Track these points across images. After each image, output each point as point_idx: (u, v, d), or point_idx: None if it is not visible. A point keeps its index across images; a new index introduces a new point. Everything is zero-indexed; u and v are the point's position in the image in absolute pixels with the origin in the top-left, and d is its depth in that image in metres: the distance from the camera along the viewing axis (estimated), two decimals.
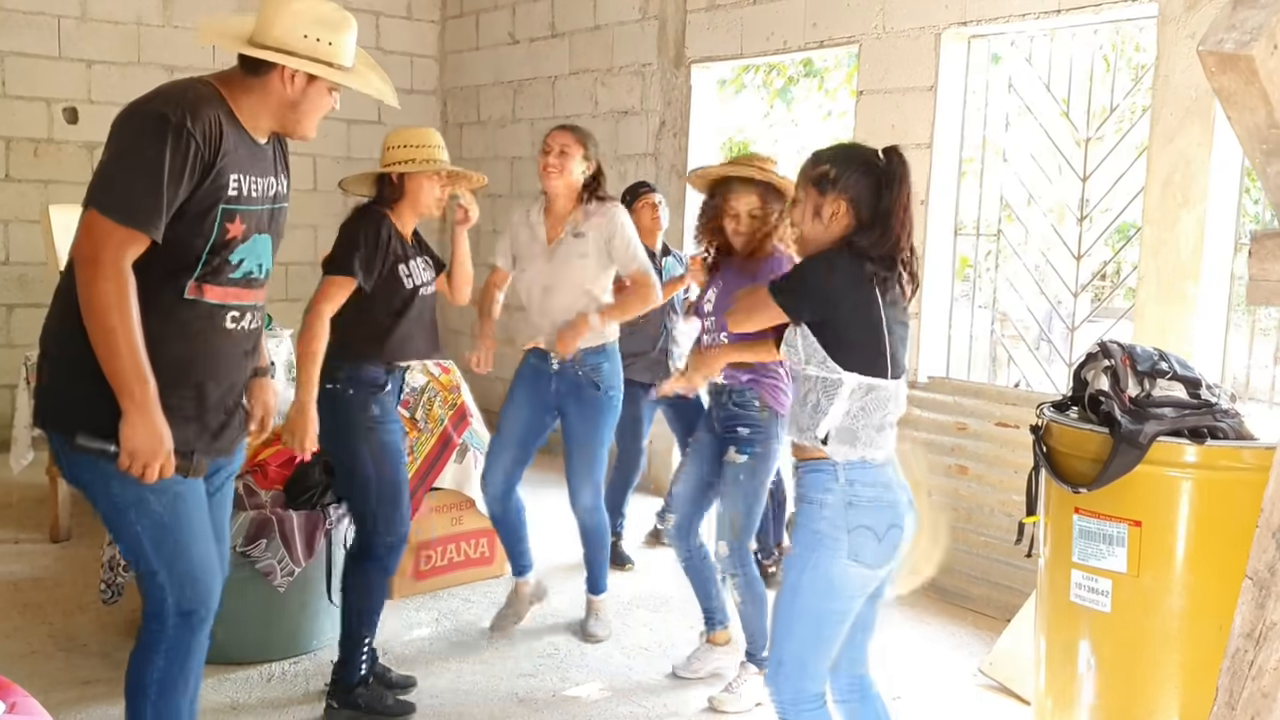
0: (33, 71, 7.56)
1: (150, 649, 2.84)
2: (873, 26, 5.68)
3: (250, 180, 2.75)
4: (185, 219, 2.63)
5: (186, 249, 2.67)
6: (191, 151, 2.58)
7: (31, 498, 6.26)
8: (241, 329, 2.86)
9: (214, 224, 2.67)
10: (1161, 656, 3.19)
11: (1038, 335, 8.09)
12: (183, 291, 2.70)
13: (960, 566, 5.22)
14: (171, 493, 2.72)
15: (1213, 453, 3.11)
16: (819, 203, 2.85)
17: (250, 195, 2.76)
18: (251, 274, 2.83)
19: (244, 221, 2.74)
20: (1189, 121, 4.51)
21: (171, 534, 2.75)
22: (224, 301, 2.78)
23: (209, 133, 2.62)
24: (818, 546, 2.78)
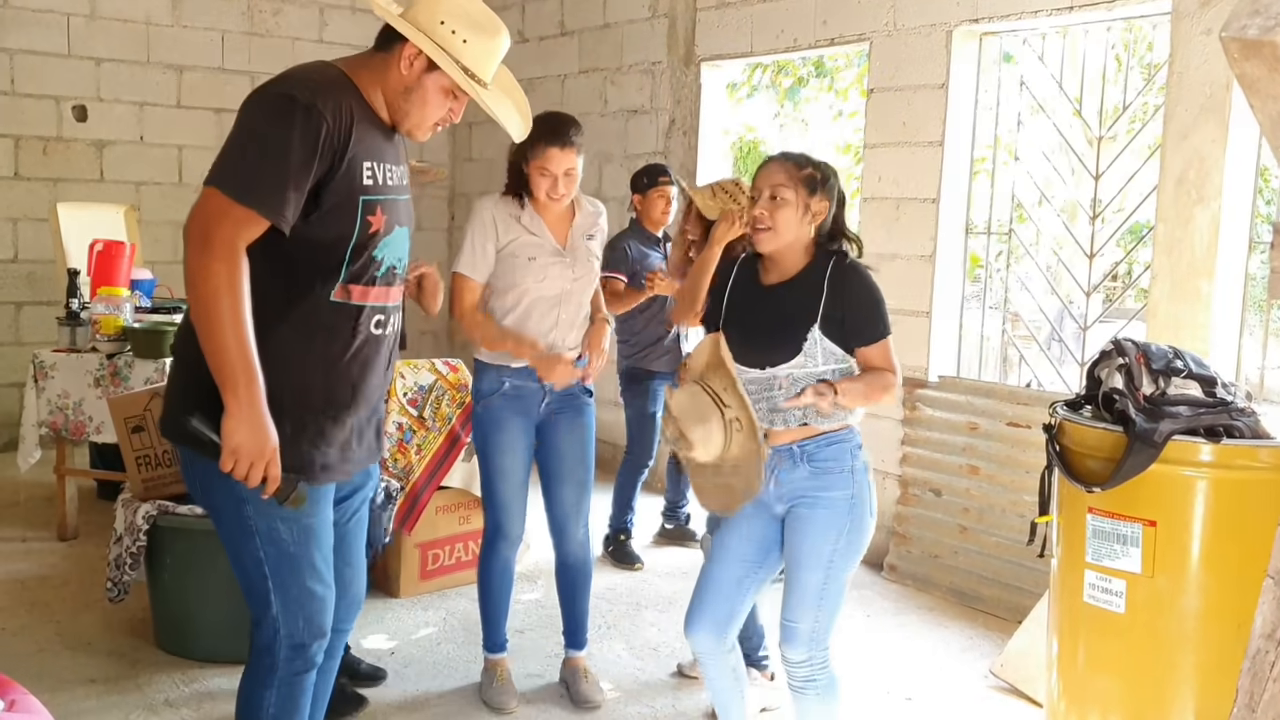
0: (42, 69, 7.55)
1: (263, 683, 2.71)
2: (884, 24, 5.65)
3: (385, 168, 2.59)
4: (325, 214, 2.47)
5: (330, 248, 2.51)
6: (321, 134, 2.41)
7: (39, 496, 6.25)
8: (386, 334, 2.71)
9: (355, 217, 2.51)
10: (1177, 658, 3.16)
11: (1049, 335, 8.04)
12: (329, 295, 2.53)
13: (971, 567, 5.19)
14: (303, 524, 2.59)
15: (1229, 451, 3.07)
16: (809, 201, 3.02)
17: (387, 184, 2.60)
18: (394, 269, 2.68)
19: (385, 213, 2.58)
20: (1203, 118, 4.47)
21: (294, 566, 2.61)
22: (369, 302, 2.61)
23: (339, 116, 2.45)
24: (853, 509, 3.02)
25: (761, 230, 3.01)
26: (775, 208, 2.99)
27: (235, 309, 2.34)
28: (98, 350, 5.45)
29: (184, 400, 2.52)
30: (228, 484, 2.48)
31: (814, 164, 3.06)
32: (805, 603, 3.03)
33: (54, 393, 5.43)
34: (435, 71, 2.57)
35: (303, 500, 2.53)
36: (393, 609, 4.89)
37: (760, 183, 3.05)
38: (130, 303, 5.61)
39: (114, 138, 7.83)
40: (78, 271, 5.77)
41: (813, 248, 3.07)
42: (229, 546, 2.66)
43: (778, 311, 3.04)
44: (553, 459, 4.04)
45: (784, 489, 3.04)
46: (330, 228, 2.49)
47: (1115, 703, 3.27)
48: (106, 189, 7.70)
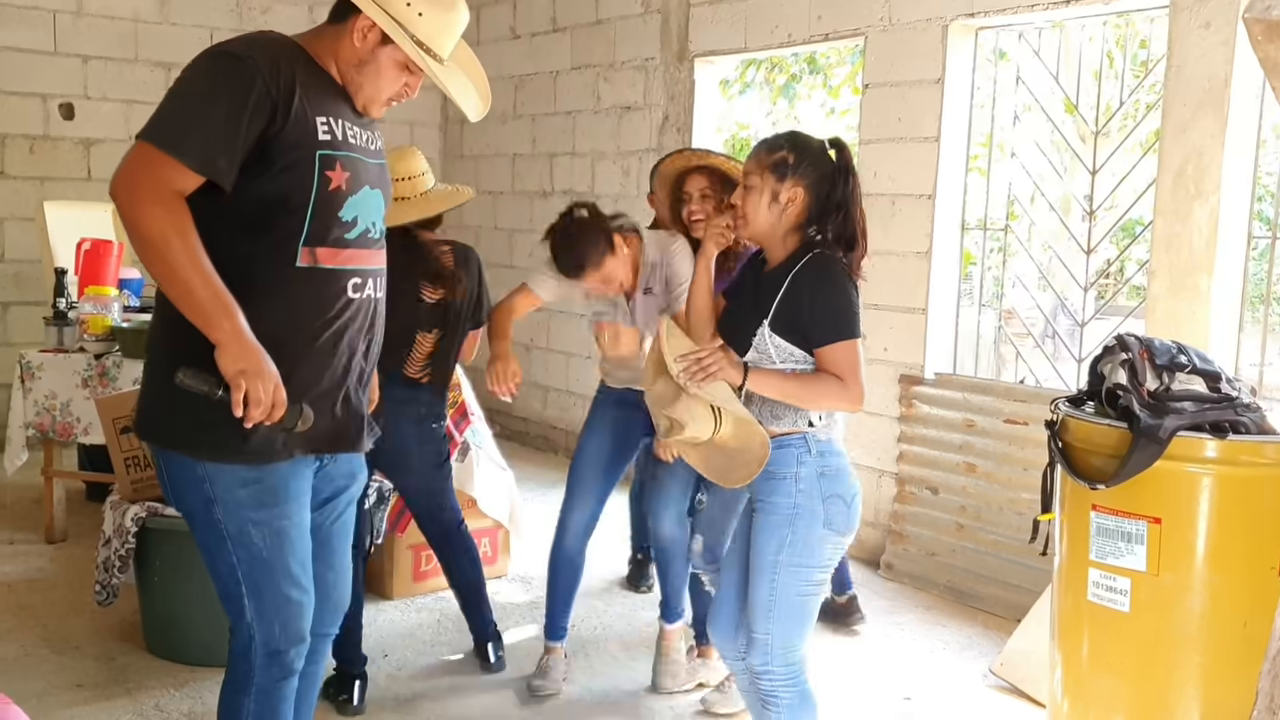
0: (28, 67, 7.48)
1: (240, 690, 2.65)
2: (879, 18, 5.60)
3: (345, 125, 2.49)
4: (280, 170, 2.37)
5: (289, 207, 2.40)
6: (255, 85, 2.31)
7: (27, 498, 6.18)
8: (366, 297, 2.57)
9: (313, 173, 2.40)
10: (1182, 657, 3.12)
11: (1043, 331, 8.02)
12: (294, 259, 2.42)
13: (969, 566, 5.15)
14: (275, 527, 2.51)
15: (1234, 448, 3.04)
16: (777, 189, 2.89)
17: (349, 141, 2.49)
18: (368, 232, 2.56)
19: (346, 169, 2.46)
20: (1201, 113, 4.44)
21: (268, 570, 2.53)
22: (342, 266, 2.50)
23: (277, 70, 2.36)
24: (794, 520, 2.86)
25: (736, 219, 2.98)
26: (744, 195, 2.94)
27: (187, 246, 2.25)
28: (85, 350, 5.39)
29: (159, 397, 2.48)
30: (198, 486, 2.46)
31: (792, 146, 2.91)
32: (756, 610, 2.92)
33: (41, 393, 5.36)
34: (389, 45, 2.49)
35: (309, 422, 2.41)
36: (384, 611, 4.83)
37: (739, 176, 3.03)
38: (118, 302, 5.55)
39: (101, 136, 7.77)
40: (65, 271, 5.71)
41: (797, 236, 2.93)
42: (203, 551, 2.58)
43: (748, 303, 2.96)
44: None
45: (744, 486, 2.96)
46: (286, 183, 2.39)
47: (1119, 702, 3.23)
48: (94, 187, 7.62)
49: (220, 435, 2.41)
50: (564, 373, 7.81)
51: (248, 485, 2.48)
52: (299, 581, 2.59)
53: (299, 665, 2.67)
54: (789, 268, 2.89)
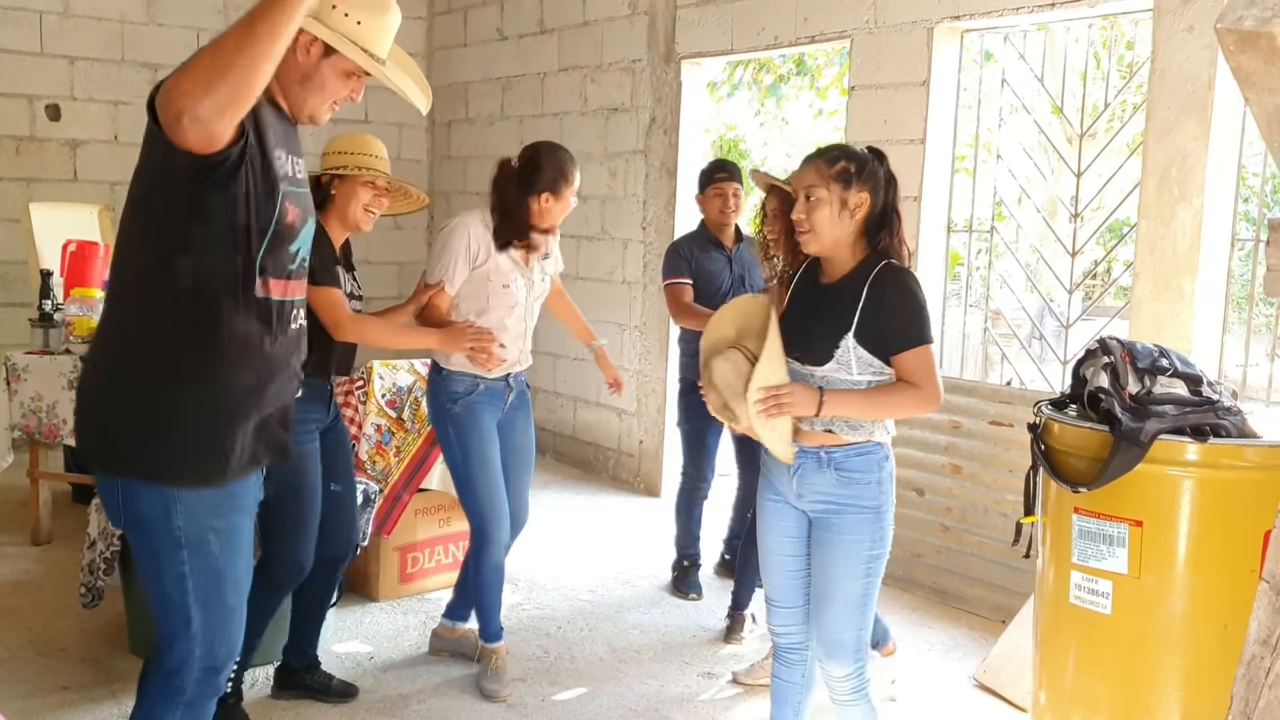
0: (14, 68, 7.46)
1: (164, 709, 2.59)
2: (864, 21, 5.62)
3: (294, 160, 2.55)
4: (249, 200, 2.38)
5: (250, 232, 2.41)
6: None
7: (12, 500, 6.17)
8: (301, 328, 2.66)
9: (274, 211, 2.44)
10: (1163, 659, 3.13)
11: (1030, 333, 8.04)
12: (253, 288, 2.45)
13: (954, 567, 5.17)
14: (230, 536, 2.54)
15: (1215, 451, 3.05)
16: (845, 196, 2.94)
17: (297, 177, 2.56)
18: (304, 262, 2.64)
19: (296, 205, 2.52)
20: (1185, 115, 4.46)
21: (219, 580, 2.53)
22: (288, 297, 2.56)
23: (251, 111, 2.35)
24: (882, 518, 3.01)
25: (802, 234, 2.97)
26: (810, 209, 2.94)
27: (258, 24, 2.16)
28: (71, 352, 5.38)
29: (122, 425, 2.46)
30: (158, 495, 2.46)
31: (848, 156, 2.98)
32: (850, 613, 3.01)
33: (27, 395, 5.35)
34: (332, 56, 2.54)
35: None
36: (371, 613, 4.84)
37: (795, 185, 3.01)
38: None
39: (87, 137, 7.75)
40: (51, 273, 5.70)
41: (863, 244, 3.00)
42: (146, 565, 2.54)
43: (823, 313, 3.00)
44: (508, 455, 4.14)
45: (806, 490, 3.01)
46: (250, 215, 2.40)
47: (1101, 704, 3.24)
48: (80, 189, 7.61)
49: (200, 462, 2.47)
50: (551, 374, 7.81)
51: (201, 498, 2.50)
52: (240, 590, 2.62)
53: (224, 685, 2.70)
54: (861, 278, 2.95)
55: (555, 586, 5.28)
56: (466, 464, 4.02)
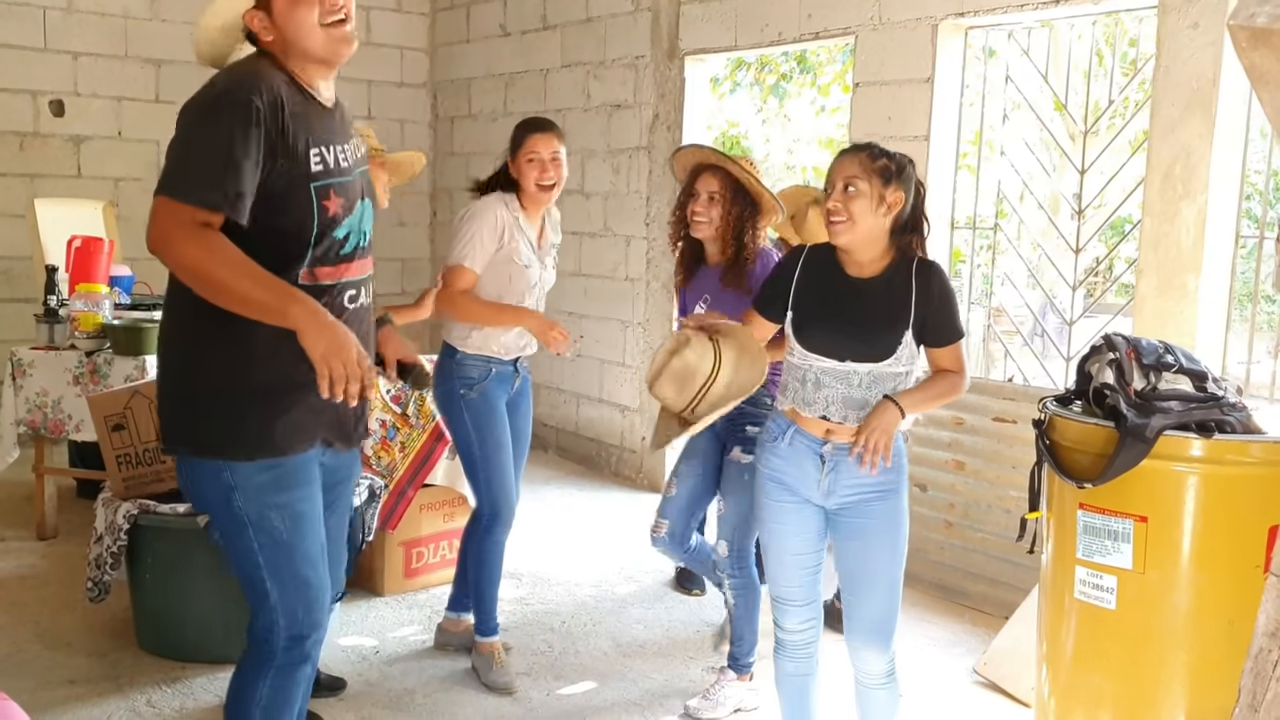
0: (18, 63, 7.47)
1: (257, 674, 2.72)
2: (869, 17, 5.62)
3: (335, 150, 2.60)
4: (281, 204, 2.49)
5: (293, 237, 2.53)
6: (254, 120, 2.43)
7: (18, 495, 6.18)
8: (361, 306, 2.73)
9: (311, 206, 2.53)
10: (1168, 655, 3.15)
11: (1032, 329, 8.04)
12: (296, 280, 2.54)
13: (957, 563, 5.18)
14: (294, 510, 2.64)
15: (1220, 447, 3.06)
16: (883, 192, 2.99)
17: (340, 166, 2.61)
18: (359, 245, 2.69)
19: (340, 195, 2.59)
20: (1190, 113, 4.46)
21: (289, 554, 2.64)
22: (339, 280, 2.64)
23: (276, 105, 2.47)
24: (905, 502, 3.14)
25: (837, 222, 2.99)
26: (849, 199, 2.98)
27: (226, 260, 2.38)
28: (76, 348, 5.39)
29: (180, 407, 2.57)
30: (217, 477, 2.58)
31: (888, 155, 3.03)
32: (894, 596, 3.12)
33: (32, 390, 5.37)
34: (272, 5, 2.54)
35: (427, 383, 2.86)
36: (376, 607, 4.85)
37: (834, 175, 3.04)
38: (109, 299, 5.55)
39: (92, 133, 7.76)
40: (56, 268, 5.71)
41: (891, 243, 3.06)
42: (224, 542, 2.68)
43: (870, 310, 3.04)
44: (514, 438, 4.23)
45: (840, 486, 3.06)
46: (289, 217, 2.52)
47: (1106, 699, 3.25)
48: (84, 184, 7.62)
49: (247, 435, 2.57)
50: (553, 371, 7.82)
51: (266, 471, 2.60)
52: (316, 565, 2.70)
53: (315, 654, 2.77)
54: (902, 274, 3.04)
55: (559, 582, 5.29)
56: (483, 447, 4.09)
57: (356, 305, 2.70)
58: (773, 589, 3.24)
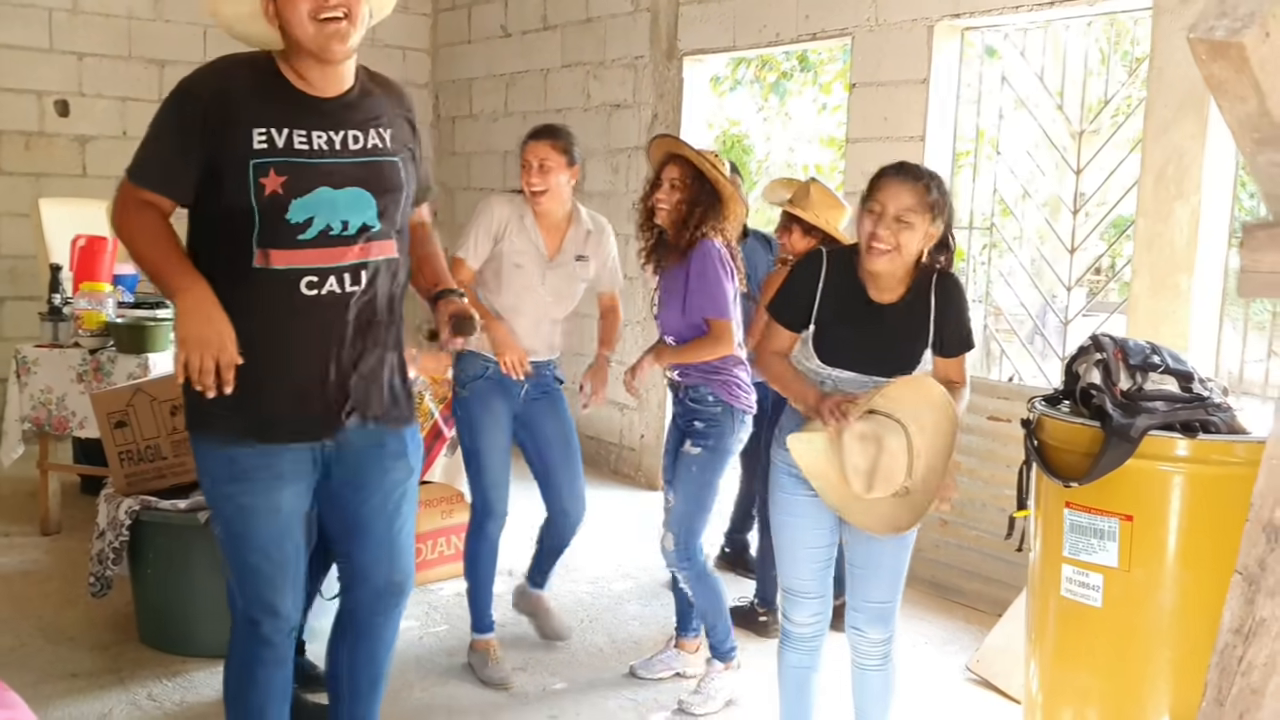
0: (23, 64, 7.52)
1: (229, 656, 2.91)
2: (865, 19, 5.66)
3: (291, 133, 2.62)
4: (223, 183, 2.59)
5: (236, 214, 2.59)
6: (196, 108, 2.59)
7: (22, 491, 6.23)
8: (326, 295, 2.67)
9: (247, 184, 2.57)
10: (1153, 652, 3.18)
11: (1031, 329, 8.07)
12: (250, 261, 2.61)
13: (951, 561, 5.22)
14: (239, 503, 2.71)
15: (1204, 447, 3.09)
16: (931, 229, 3.03)
17: (293, 148, 2.61)
18: (330, 230, 2.65)
19: (282, 174, 2.59)
20: (1183, 114, 4.49)
21: (238, 541, 2.74)
22: (293, 265, 2.63)
23: (224, 89, 2.61)
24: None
25: (883, 252, 2.98)
26: (900, 230, 2.96)
27: (146, 233, 2.60)
28: (80, 345, 5.44)
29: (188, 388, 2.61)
30: (199, 462, 2.76)
31: (940, 189, 3.03)
32: (897, 580, 3.20)
33: (36, 388, 5.42)
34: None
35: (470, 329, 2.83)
36: None
37: (885, 200, 2.97)
38: (113, 298, 5.60)
39: (96, 133, 7.81)
40: (60, 267, 5.76)
41: (916, 265, 3.09)
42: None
43: (894, 335, 3.09)
44: (543, 446, 4.30)
45: None
46: (228, 196, 2.60)
47: (1092, 697, 3.28)
48: (89, 184, 7.67)
49: (202, 415, 2.68)
50: None
51: (221, 462, 2.71)
52: (268, 554, 2.75)
53: (278, 639, 2.83)
54: (923, 292, 3.08)
55: (556, 578, 5.31)
56: (474, 444, 4.16)
57: (319, 293, 2.66)
58: (784, 581, 3.29)
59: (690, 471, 3.91)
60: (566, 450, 4.31)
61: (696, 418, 3.93)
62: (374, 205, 2.72)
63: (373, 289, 2.75)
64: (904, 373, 3.06)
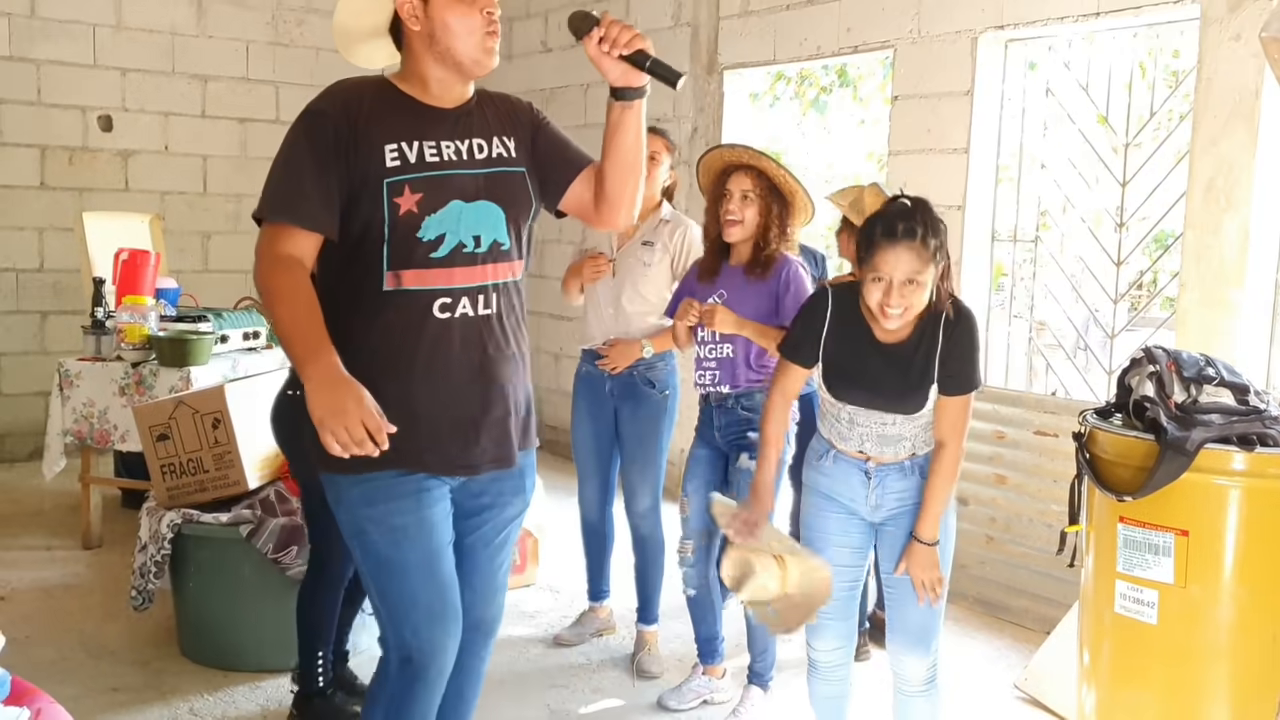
0: (68, 80, 7.60)
1: (373, 696, 2.65)
2: (908, 31, 5.62)
3: (422, 146, 2.51)
4: (357, 205, 2.47)
5: (369, 236, 2.49)
6: (329, 131, 2.46)
7: (64, 505, 6.27)
8: (459, 318, 2.56)
9: (381, 202, 2.46)
10: (1210, 670, 3.12)
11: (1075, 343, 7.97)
12: (381, 284, 2.51)
13: (999, 578, 5.15)
14: (389, 525, 2.53)
15: (1262, 460, 3.04)
16: (936, 272, 2.96)
17: (426, 161, 2.51)
18: (464, 248, 2.54)
19: (417, 190, 2.48)
20: (1232, 125, 4.43)
21: (390, 570, 2.54)
22: (425, 286, 2.52)
23: (350, 107, 2.48)
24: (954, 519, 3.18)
25: (893, 316, 2.93)
26: (912, 292, 2.92)
27: (287, 300, 2.39)
28: (122, 359, 5.46)
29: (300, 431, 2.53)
30: (332, 490, 2.59)
31: (933, 229, 2.93)
32: (936, 607, 3.11)
33: (79, 401, 5.44)
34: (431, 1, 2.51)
35: (678, 76, 2.46)
36: None
37: (889, 271, 2.90)
38: (155, 311, 5.62)
39: (139, 147, 7.87)
40: (103, 280, 5.79)
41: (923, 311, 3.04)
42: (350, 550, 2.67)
43: (901, 376, 3.02)
44: (620, 434, 4.51)
45: (887, 498, 3.09)
46: (361, 216, 2.48)
47: (1147, 715, 3.23)
48: (132, 198, 7.73)
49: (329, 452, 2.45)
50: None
51: (358, 485, 2.54)
52: (425, 576, 2.56)
53: (437, 679, 2.62)
54: (929, 334, 3.01)
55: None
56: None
57: (452, 316, 2.55)
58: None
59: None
60: (635, 448, 4.46)
61: (750, 428, 3.81)
62: (504, 220, 2.62)
63: (502, 312, 2.64)
64: (911, 413, 3.02)
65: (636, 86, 2.54)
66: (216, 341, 5.51)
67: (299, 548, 4.08)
